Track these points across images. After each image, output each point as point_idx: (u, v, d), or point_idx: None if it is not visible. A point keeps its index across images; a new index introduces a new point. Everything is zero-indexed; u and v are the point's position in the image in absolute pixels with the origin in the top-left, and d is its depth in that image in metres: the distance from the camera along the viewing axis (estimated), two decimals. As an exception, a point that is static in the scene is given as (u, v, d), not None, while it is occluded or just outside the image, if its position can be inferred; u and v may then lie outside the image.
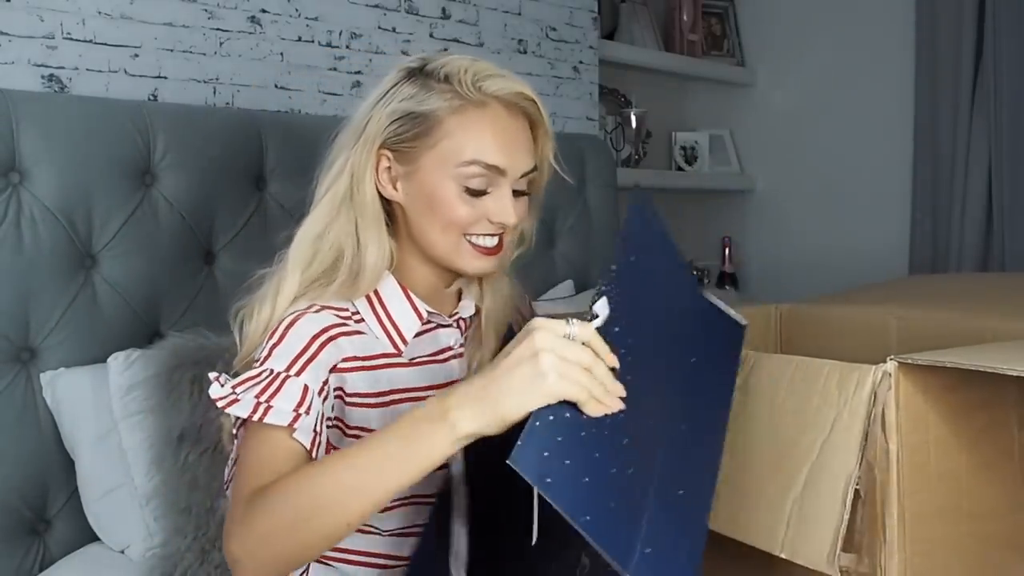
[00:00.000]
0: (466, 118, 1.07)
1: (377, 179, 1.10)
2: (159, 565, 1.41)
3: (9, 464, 1.48)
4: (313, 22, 2.05)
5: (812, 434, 0.98)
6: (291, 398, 0.98)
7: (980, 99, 2.61)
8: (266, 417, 0.96)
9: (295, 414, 0.97)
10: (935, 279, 2.23)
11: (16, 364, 1.51)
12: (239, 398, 0.98)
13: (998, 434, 1.05)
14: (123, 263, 1.61)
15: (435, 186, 1.08)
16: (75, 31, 1.71)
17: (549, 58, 2.54)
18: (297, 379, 1.00)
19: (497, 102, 1.08)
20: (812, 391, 1.00)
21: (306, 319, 1.05)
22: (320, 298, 1.08)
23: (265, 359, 1.02)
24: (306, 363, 1.02)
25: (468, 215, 1.08)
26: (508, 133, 1.08)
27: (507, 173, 1.08)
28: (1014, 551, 1.06)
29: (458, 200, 1.07)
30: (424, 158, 1.08)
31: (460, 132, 1.07)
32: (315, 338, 1.04)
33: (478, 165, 1.06)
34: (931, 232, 2.73)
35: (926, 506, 0.97)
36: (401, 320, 1.12)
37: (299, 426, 0.97)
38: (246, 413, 0.97)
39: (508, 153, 1.07)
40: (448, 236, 1.09)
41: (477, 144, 1.06)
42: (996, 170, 2.58)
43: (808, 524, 0.95)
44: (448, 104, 1.07)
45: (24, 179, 1.52)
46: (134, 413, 1.47)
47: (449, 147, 1.07)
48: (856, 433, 0.95)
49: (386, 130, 1.08)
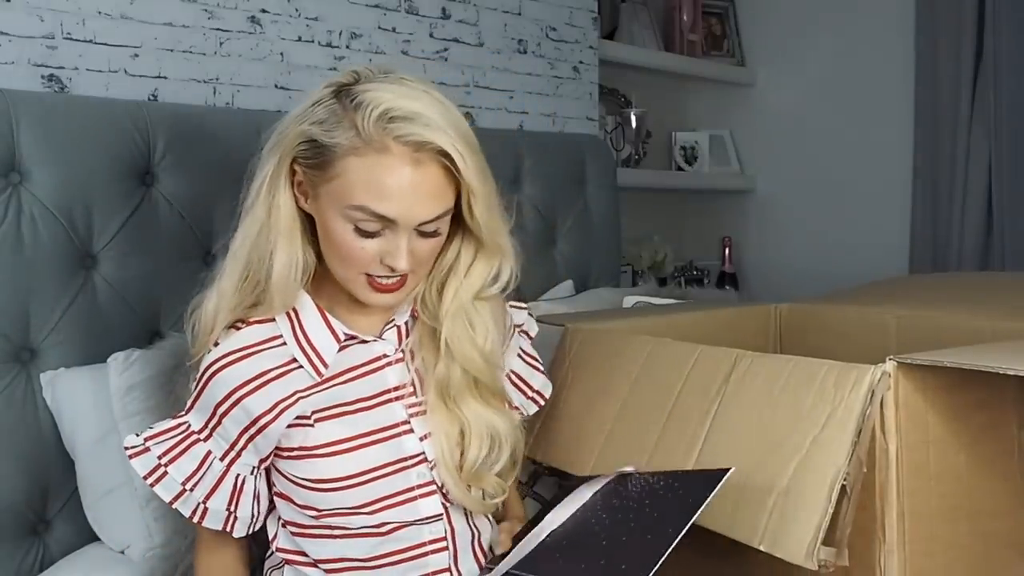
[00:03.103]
0: (362, 162, 1.03)
1: (294, 191, 1.11)
2: (159, 565, 1.41)
3: (9, 464, 1.47)
4: (313, 22, 2.05)
5: (803, 430, 0.98)
6: (186, 466, 1.14)
7: (980, 99, 2.61)
8: (156, 486, 1.15)
9: (180, 488, 1.14)
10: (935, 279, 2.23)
11: (16, 364, 1.51)
12: (149, 448, 1.16)
13: (997, 433, 1.05)
14: (123, 263, 1.61)
15: (329, 221, 1.08)
16: (75, 31, 1.71)
17: (549, 58, 2.54)
18: (204, 444, 1.15)
19: (402, 148, 1.03)
20: (808, 390, 1.00)
21: (228, 372, 1.12)
22: (251, 313, 1.15)
23: (189, 408, 1.16)
24: (216, 424, 1.13)
25: (361, 255, 1.07)
26: (405, 183, 1.03)
27: (398, 223, 1.05)
28: (1014, 550, 1.06)
29: (352, 239, 1.07)
30: (321, 189, 1.07)
31: (353, 174, 1.04)
32: (231, 394, 1.12)
33: (365, 212, 1.04)
34: (931, 232, 2.73)
35: (925, 506, 0.97)
36: (318, 342, 1.14)
37: (180, 502, 1.15)
38: (143, 472, 1.15)
39: (401, 203, 1.04)
40: (348, 274, 1.11)
41: (366, 191, 1.03)
42: (996, 170, 2.58)
43: (790, 518, 0.95)
44: (349, 143, 1.04)
45: (24, 179, 1.52)
46: (134, 413, 1.47)
47: (341, 186, 1.05)
48: (849, 430, 0.94)
49: (295, 148, 1.09)
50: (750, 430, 1.04)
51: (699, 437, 1.09)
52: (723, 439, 1.05)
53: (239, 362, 1.12)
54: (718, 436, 1.05)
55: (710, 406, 1.10)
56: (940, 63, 2.67)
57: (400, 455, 1.15)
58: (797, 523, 0.94)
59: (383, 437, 1.15)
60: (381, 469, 1.13)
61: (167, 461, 1.14)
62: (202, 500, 1.15)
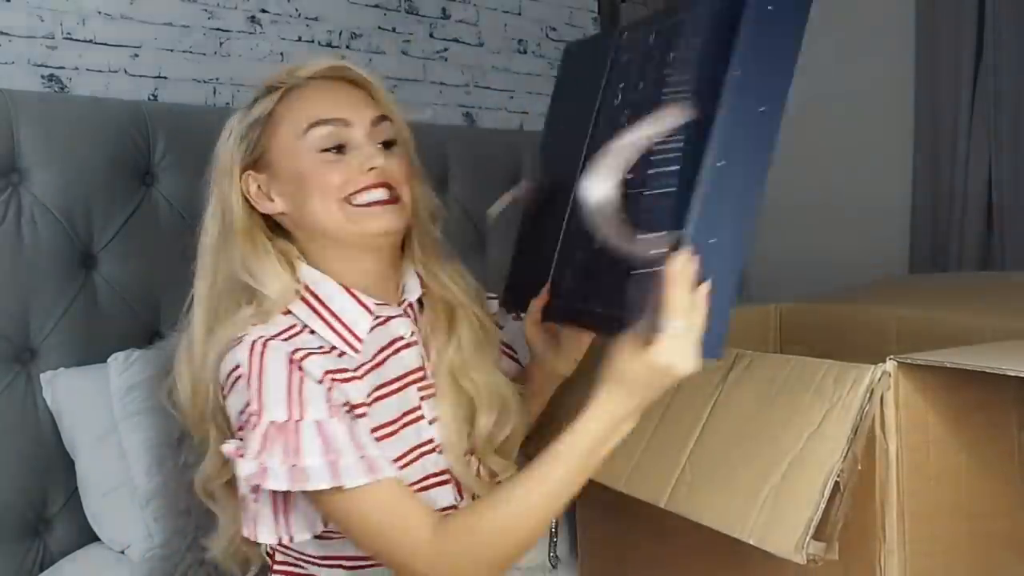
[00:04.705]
0: (291, 99, 1.10)
1: (253, 201, 1.11)
2: (159, 566, 1.41)
3: (9, 464, 1.48)
4: (313, 22, 2.06)
5: (799, 426, 0.97)
6: (315, 447, 0.97)
7: (980, 99, 2.61)
8: (307, 484, 0.95)
9: (329, 463, 0.96)
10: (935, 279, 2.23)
11: (16, 364, 1.51)
12: (267, 466, 0.96)
13: (997, 434, 1.05)
14: (123, 263, 1.61)
15: (295, 166, 1.08)
16: (75, 31, 1.71)
17: (549, 58, 2.54)
18: (305, 420, 0.98)
19: (314, 81, 1.12)
20: (807, 389, 1.00)
21: (272, 347, 1.01)
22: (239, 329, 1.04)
23: (260, 410, 0.98)
24: (299, 396, 1.00)
25: (337, 176, 1.07)
26: (333, 92, 1.11)
27: (352, 122, 1.09)
28: (1014, 550, 1.06)
29: (321, 165, 1.07)
30: (273, 150, 1.10)
31: (292, 111, 1.10)
32: (289, 361, 1.01)
33: (320, 125, 1.08)
34: (931, 232, 2.73)
35: (925, 506, 0.97)
36: (349, 318, 1.09)
37: (343, 469, 0.96)
38: (284, 486, 0.96)
39: (341, 106, 1.09)
40: (331, 208, 1.07)
41: (309, 110, 1.09)
42: (996, 170, 2.58)
43: (781, 512, 0.94)
44: (272, 98, 1.11)
45: (24, 179, 1.52)
46: (134, 413, 1.47)
47: (288, 128, 1.09)
48: (846, 427, 0.94)
49: (236, 152, 1.11)
50: (746, 427, 1.03)
51: (693, 434, 1.09)
52: (717, 435, 1.05)
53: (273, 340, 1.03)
54: (713, 432, 1.04)
55: (706, 403, 1.10)
56: (940, 63, 2.67)
57: (416, 442, 1.11)
58: (788, 517, 0.93)
59: (403, 424, 1.11)
60: (401, 459, 1.08)
61: (294, 458, 0.96)
62: (361, 458, 0.98)
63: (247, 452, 0.97)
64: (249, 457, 0.97)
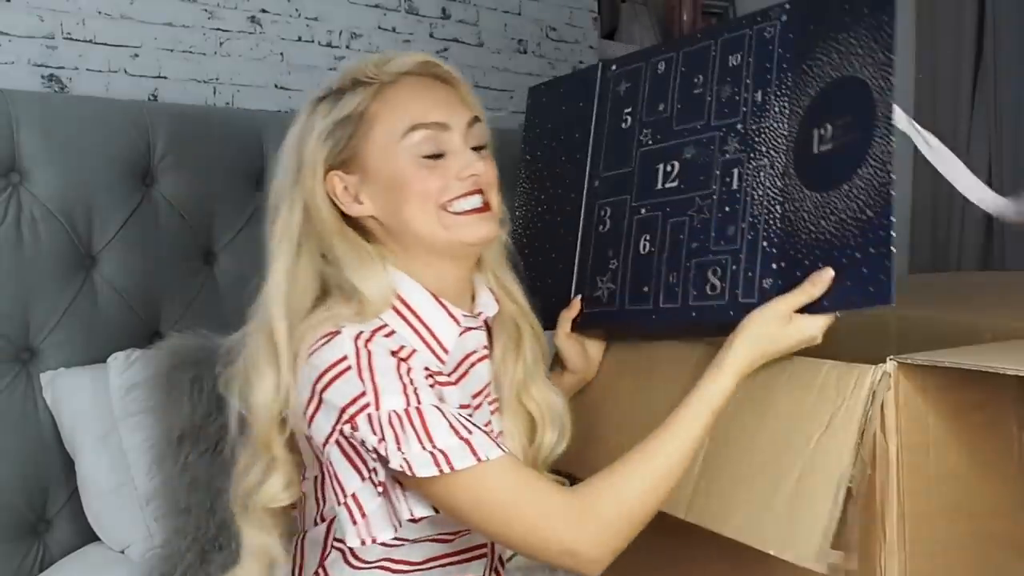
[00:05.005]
0: (386, 96, 1.04)
1: (339, 202, 1.05)
2: (159, 565, 1.41)
3: (9, 464, 1.48)
4: (313, 22, 2.05)
5: (807, 432, 0.97)
6: (444, 429, 0.93)
7: (980, 99, 2.61)
8: (454, 463, 0.91)
9: (463, 441, 0.93)
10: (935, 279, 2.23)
11: (16, 364, 1.51)
12: (408, 458, 0.91)
13: (997, 434, 1.05)
14: (123, 263, 1.61)
15: (391, 170, 1.03)
16: (75, 31, 1.71)
17: (549, 58, 2.54)
18: (425, 403, 0.95)
19: (406, 76, 1.06)
20: (809, 390, 1.00)
21: (376, 340, 0.97)
22: (335, 323, 0.99)
23: (376, 400, 0.94)
24: (414, 384, 0.96)
25: (435, 182, 1.03)
26: (430, 93, 1.06)
27: (450, 125, 1.04)
28: (1014, 550, 1.06)
29: (419, 170, 1.03)
30: (367, 152, 1.04)
31: (388, 111, 1.04)
32: (395, 353, 0.97)
33: (419, 128, 1.03)
34: (931, 232, 2.73)
35: (925, 506, 0.97)
36: (438, 328, 1.06)
37: (478, 446, 0.93)
38: (432, 471, 0.91)
39: (439, 107, 1.05)
40: (428, 215, 1.03)
41: (407, 111, 1.03)
42: (996, 170, 2.58)
43: (798, 521, 0.94)
44: (365, 95, 1.04)
45: (24, 179, 1.52)
46: (134, 413, 1.47)
47: (385, 129, 1.04)
48: (852, 432, 0.94)
49: (322, 150, 1.04)
50: (753, 431, 1.03)
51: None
52: (726, 442, 1.05)
53: (375, 335, 0.99)
54: (722, 438, 1.04)
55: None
56: (940, 63, 2.67)
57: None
58: (805, 526, 0.93)
59: None
60: None
61: (429, 443, 0.92)
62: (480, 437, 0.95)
63: (387, 449, 0.92)
64: (391, 451, 0.92)
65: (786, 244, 1.06)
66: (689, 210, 1.18)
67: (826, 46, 1.08)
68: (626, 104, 1.29)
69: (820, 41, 1.09)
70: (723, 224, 1.13)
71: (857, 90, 1.03)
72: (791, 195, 1.08)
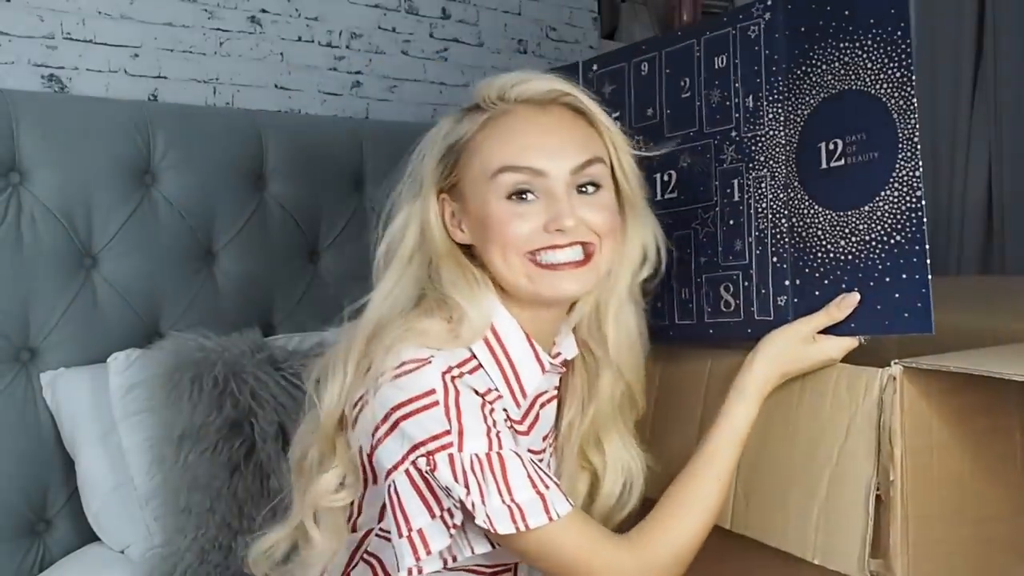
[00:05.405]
0: (490, 130, 1.00)
1: (447, 227, 1.03)
2: (159, 565, 1.41)
3: (9, 464, 1.48)
4: (313, 22, 2.05)
5: (829, 440, 0.99)
6: (522, 480, 0.92)
7: (980, 99, 2.61)
8: (528, 521, 0.90)
9: (538, 495, 0.92)
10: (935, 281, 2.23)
11: (16, 364, 1.51)
12: (490, 514, 0.90)
13: (1001, 438, 1.05)
14: (123, 263, 1.61)
15: (480, 208, 0.99)
16: (75, 31, 1.71)
17: (549, 58, 2.53)
18: (505, 450, 0.93)
19: (525, 106, 1.00)
20: (824, 396, 1.01)
21: (463, 380, 0.95)
22: (425, 342, 0.96)
23: (460, 440, 0.91)
24: (496, 428, 0.94)
25: (521, 229, 0.97)
26: (539, 130, 0.99)
27: (547, 172, 0.97)
28: (1017, 554, 1.06)
29: (505, 214, 0.97)
30: (466, 184, 1.01)
31: (488, 145, 0.99)
32: (483, 395, 0.96)
33: (508, 171, 0.97)
34: (931, 233, 2.72)
35: (929, 509, 0.97)
36: (523, 370, 1.02)
37: (551, 502, 0.92)
38: (509, 528, 0.90)
39: (541, 150, 0.98)
40: (511, 261, 0.98)
41: (502, 150, 0.98)
42: (996, 171, 2.58)
43: (836, 530, 0.97)
44: (475, 124, 1.01)
45: (24, 179, 1.51)
46: (134, 413, 1.47)
47: (481, 163, 0.99)
48: (870, 439, 0.95)
49: (435, 172, 1.02)
50: (778, 439, 1.04)
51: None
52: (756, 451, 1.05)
53: (463, 372, 0.97)
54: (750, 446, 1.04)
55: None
56: (940, 63, 2.67)
57: None
58: (842, 534, 0.96)
59: None
60: None
61: (507, 495, 0.91)
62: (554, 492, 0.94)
63: (473, 503, 0.90)
64: (477, 505, 0.90)
65: (799, 261, 1.05)
66: (693, 223, 1.16)
67: (825, 53, 1.04)
68: (613, 109, 1.16)
69: (816, 46, 1.05)
70: (729, 238, 1.11)
71: (871, 107, 1.00)
72: (798, 209, 1.06)
